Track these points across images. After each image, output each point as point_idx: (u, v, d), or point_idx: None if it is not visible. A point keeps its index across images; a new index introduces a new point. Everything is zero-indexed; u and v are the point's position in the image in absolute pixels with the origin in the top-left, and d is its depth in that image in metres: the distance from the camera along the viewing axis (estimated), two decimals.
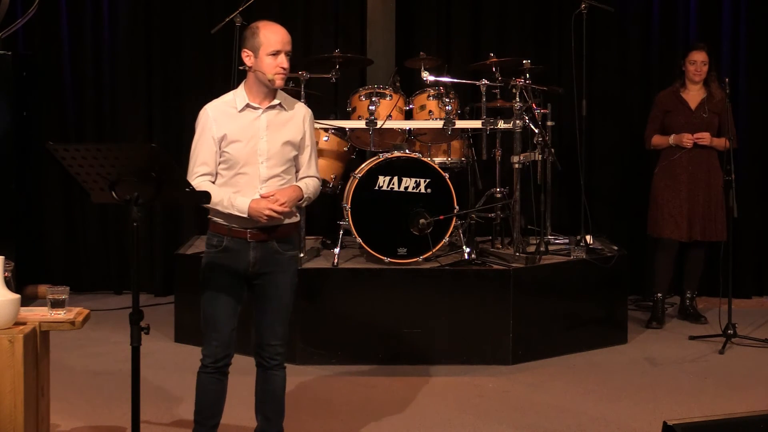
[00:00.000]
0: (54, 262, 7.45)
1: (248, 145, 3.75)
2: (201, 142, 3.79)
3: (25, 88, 6.96)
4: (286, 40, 3.79)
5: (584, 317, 5.96)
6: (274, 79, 3.73)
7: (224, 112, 3.79)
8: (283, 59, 3.75)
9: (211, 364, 3.84)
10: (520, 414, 4.78)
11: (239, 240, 3.78)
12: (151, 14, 7.41)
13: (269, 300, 3.84)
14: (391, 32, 7.24)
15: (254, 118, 3.78)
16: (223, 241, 3.80)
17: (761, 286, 7.53)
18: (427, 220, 5.65)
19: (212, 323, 3.83)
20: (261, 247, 3.79)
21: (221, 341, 3.83)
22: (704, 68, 6.38)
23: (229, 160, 3.76)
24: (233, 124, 3.76)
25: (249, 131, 3.76)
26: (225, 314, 3.81)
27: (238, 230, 3.78)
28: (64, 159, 3.35)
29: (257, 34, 3.78)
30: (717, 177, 6.34)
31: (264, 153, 3.76)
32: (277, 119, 3.81)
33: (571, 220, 6.87)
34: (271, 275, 3.82)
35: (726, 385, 5.25)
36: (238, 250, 3.78)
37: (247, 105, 3.78)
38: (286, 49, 3.77)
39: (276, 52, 3.74)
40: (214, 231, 3.84)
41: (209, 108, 3.82)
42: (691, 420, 2.87)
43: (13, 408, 3.47)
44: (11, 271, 3.72)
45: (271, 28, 3.82)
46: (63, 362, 5.39)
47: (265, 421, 3.96)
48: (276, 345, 3.89)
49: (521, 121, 5.94)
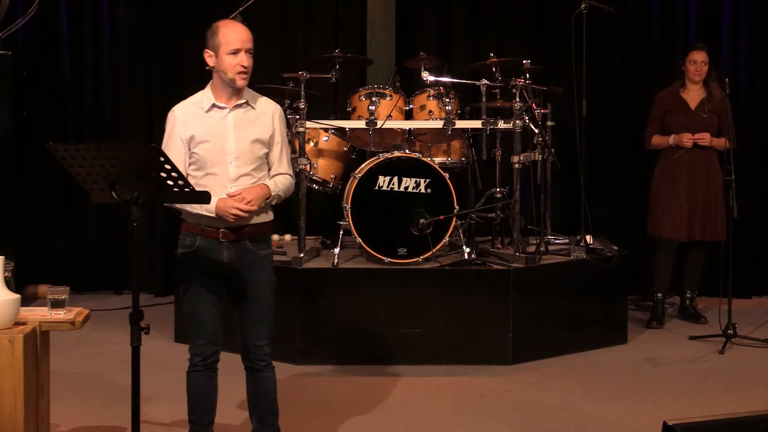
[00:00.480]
0: (54, 262, 7.45)
1: (216, 145, 3.73)
2: (170, 144, 3.79)
3: (25, 88, 6.96)
4: (246, 38, 3.77)
5: (584, 317, 5.96)
6: (235, 78, 3.73)
7: (191, 113, 3.80)
8: (244, 57, 3.74)
9: (200, 362, 3.85)
10: (520, 414, 4.78)
11: (212, 240, 3.76)
12: (151, 14, 7.41)
13: (248, 300, 3.82)
14: (391, 32, 7.24)
15: (221, 118, 3.77)
16: (196, 241, 3.78)
17: (761, 286, 7.53)
18: (427, 220, 5.65)
19: (195, 322, 3.83)
20: (234, 246, 3.77)
21: (207, 339, 3.83)
22: (704, 68, 6.38)
23: (198, 161, 3.76)
24: (200, 124, 3.76)
25: (216, 131, 3.75)
26: (207, 312, 3.80)
27: (210, 230, 3.75)
28: (64, 159, 3.35)
29: (217, 34, 3.78)
30: (717, 177, 6.34)
31: (232, 152, 3.74)
32: (244, 118, 3.79)
33: (571, 220, 6.87)
34: (246, 275, 3.80)
35: (726, 385, 5.25)
36: (211, 249, 3.76)
37: (213, 105, 3.78)
38: (246, 47, 3.75)
39: (236, 50, 3.73)
40: (187, 231, 3.82)
41: (176, 109, 3.84)
42: (691, 420, 2.86)
43: (13, 408, 3.47)
44: (11, 271, 3.71)
45: (230, 26, 3.81)
46: (63, 362, 5.39)
47: (261, 423, 3.95)
48: (262, 345, 3.87)
49: (521, 121, 5.94)
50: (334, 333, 5.60)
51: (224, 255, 3.77)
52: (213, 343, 3.85)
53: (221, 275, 3.79)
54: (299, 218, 5.96)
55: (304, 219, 5.95)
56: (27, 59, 7.08)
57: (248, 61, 3.76)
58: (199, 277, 3.79)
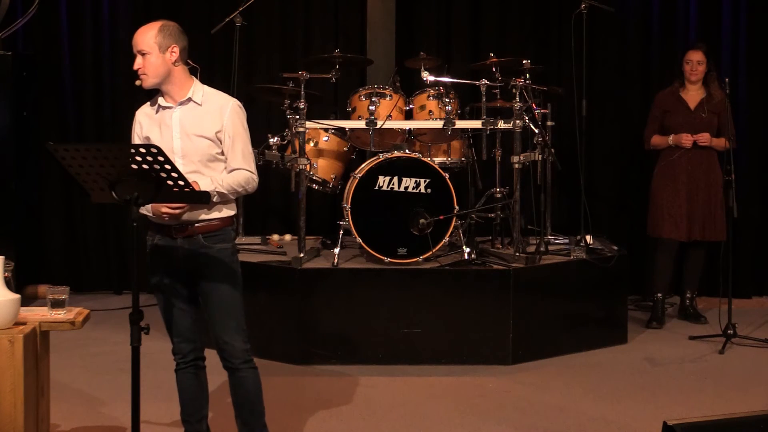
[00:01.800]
0: (54, 262, 7.45)
1: (165, 144, 3.67)
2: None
3: (25, 88, 6.96)
4: (135, 41, 3.84)
5: (584, 317, 5.96)
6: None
7: (147, 114, 3.85)
8: (135, 61, 3.80)
9: (181, 361, 3.87)
10: (520, 414, 4.78)
11: (166, 238, 3.76)
12: (151, 14, 7.39)
13: (209, 297, 3.78)
14: (391, 32, 7.24)
15: (168, 117, 3.78)
16: (155, 239, 3.79)
17: (761, 286, 7.53)
18: (427, 220, 5.65)
19: (168, 322, 3.85)
20: (188, 242, 3.74)
21: (182, 336, 3.85)
22: (700, 68, 6.38)
23: None
24: (153, 125, 3.80)
25: (164, 130, 3.76)
26: (176, 309, 3.81)
27: (164, 228, 3.75)
28: (64, 159, 3.35)
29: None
30: (716, 177, 6.34)
31: (178, 150, 3.72)
32: (189, 114, 3.76)
33: (571, 220, 6.87)
34: (203, 271, 3.76)
35: (726, 385, 5.25)
36: (167, 246, 3.76)
37: (159, 106, 3.81)
38: (135, 49, 3.82)
39: (135, 55, 3.80)
40: (149, 230, 3.83)
41: (138, 112, 3.91)
42: (691, 420, 2.86)
43: (13, 408, 3.47)
44: (11, 271, 3.72)
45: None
46: (63, 362, 5.39)
47: (244, 426, 3.89)
48: (232, 342, 3.78)
49: (521, 121, 5.94)
50: (334, 333, 5.60)
51: (180, 251, 3.75)
52: (189, 340, 3.85)
53: (182, 272, 3.78)
54: (299, 218, 5.96)
55: (304, 219, 5.95)
56: (27, 59, 7.09)
57: (137, 63, 3.80)
58: (162, 275, 3.79)
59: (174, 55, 3.77)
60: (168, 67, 3.76)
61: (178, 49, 3.79)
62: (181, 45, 3.81)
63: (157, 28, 3.81)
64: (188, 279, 3.80)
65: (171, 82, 3.78)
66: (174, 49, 3.77)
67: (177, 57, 3.78)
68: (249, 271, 5.85)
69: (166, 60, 3.76)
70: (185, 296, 3.82)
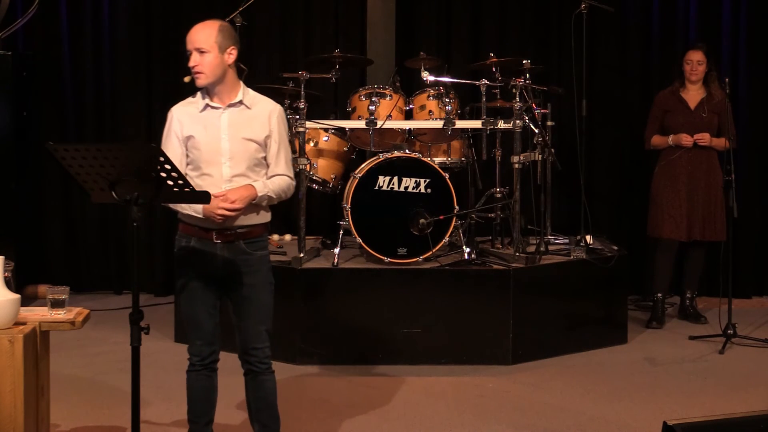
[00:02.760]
0: (54, 262, 7.45)
1: (210, 145, 3.70)
2: (167, 144, 3.79)
3: (25, 88, 6.96)
4: (191, 38, 3.77)
5: (584, 317, 5.96)
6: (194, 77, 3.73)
7: (188, 113, 3.79)
8: (191, 58, 3.74)
9: (198, 362, 3.83)
10: (520, 414, 4.78)
11: (206, 241, 3.73)
12: (151, 14, 7.41)
13: (246, 302, 3.78)
14: (391, 32, 7.24)
15: (215, 118, 3.74)
16: (191, 242, 3.76)
17: (761, 286, 7.53)
18: (427, 220, 5.65)
19: (193, 322, 3.81)
20: (228, 248, 3.73)
21: (204, 339, 3.81)
22: (699, 68, 6.38)
23: (193, 161, 3.74)
24: (196, 124, 3.75)
25: (211, 131, 3.72)
26: (203, 312, 3.79)
27: (204, 231, 3.72)
28: (64, 159, 3.35)
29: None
30: (716, 177, 6.34)
31: (226, 152, 3.70)
32: (239, 117, 3.74)
33: (571, 220, 6.87)
34: (242, 277, 3.76)
35: (726, 385, 5.25)
36: (206, 251, 3.74)
37: (207, 105, 3.76)
38: (192, 47, 3.75)
39: (188, 52, 3.74)
40: (183, 232, 3.80)
41: (174, 109, 3.83)
42: (691, 420, 2.86)
43: (13, 408, 3.47)
44: (11, 271, 3.71)
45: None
46: (63, 362, 5.38)
47: (263, 428, 3.91)
48: (262, 348, 3.82)
49: (521, 121, 5.94)
50: (335, 333, 5.60)
51: (218, 256, 3.74)
52: (210, 343, 3.83)
53: (216, 277, 3.76)
54: (299, 218, 5.96)
55: (304, 219, 5.95)
56: (27, 59, 7.08)
57: (193, 60, 3.74)
58: (194, 277, 3.77)
59: (232, 57, 3.77)
60: (224, 68, 3.75)
61: (236, 52, 3.78)
62: (238, 47, 3.80)
63: (217, 27, 3.79)
64: (221, 284, 3.78)
65: (224, 83, 3.76)
66: (232, 50, 3.77)
67: (234, 59, 3.77)
68: None
69: (223, 60, 3.74)
70: (213, 300, 3.81)
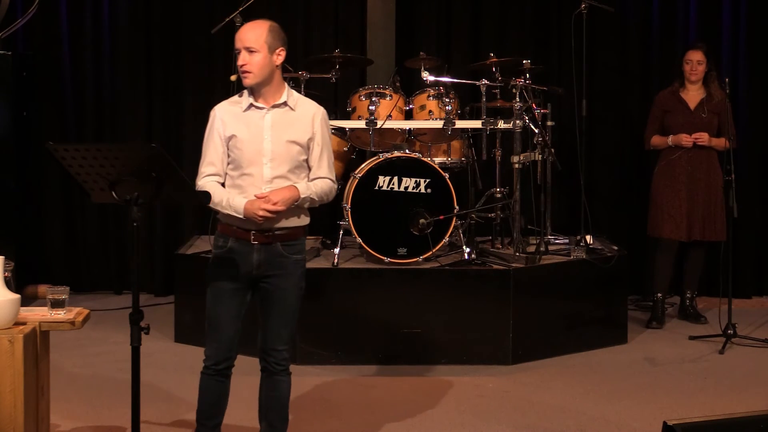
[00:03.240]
0: (54, 262, 7.44)
1: (252, 145, 3.70)
2: (209, 142, 3.78)
3: (25, 88, 6.96)
4: (244, 37, 3.71)
5: (584, 317, 5.96)
6: (242, 76, 3.70)
7: (231, 112, 3.76)
8: (240, 56, 3.69)
9: (212, 366, 3.81)
10: (520, 414, 4.78)
11: (243, 241, 3.72)
12: (151, 14, 7.41)
13: (274, 304, 3.78)
14: (391, 32, 7.24)
15: (259, 118, 3.73)
16: (228, 242, 3.75)
17: (761, 286, 7.53)
18: (427, 220, 5.65)
19: (215, 324, 3.79)
20: (265, 249, 3.72)
21: (222, 343, 3.79)
22: (699, 68, 6.38)
23: (234, 161, 3.73)
24: (239, 123, 3.73)
25: (253, 131, 3.71)
26: (228, 316, 3.77)
27: (242, 231, 3.72)
28: (64, 159, 3.35)
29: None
30: (716, 177, 6.34)
31: (268, 153, 3.69)
32: (282, 118, 3.73)
33: (571, 220, 6.87)
34: (275, 278, 3.75)
35: (726, 385, 5.25)
36: (242, 251, 3.73)
37: (251, 105, 3.74)
38: (243, 45, 3.69)
39: (237, 50, 3.71)
40: (221, 232, 3.80)
41: (218, 108, 3.81)
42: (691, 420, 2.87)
43: (13, 408, 3.47)
44: (11, 271, 3.71)
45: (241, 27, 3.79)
46: (63, 362, 5.39)
47: (270, 428, 3.90)
48: (282, 350, 3.81)
49: (521, 121, 5.94)
50: (334, 333, 5.60)
51: (254, 257, 3.72)
52: (228, 349, 3.80)
53: (250, 278, 3.75)
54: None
55: None
56: (27, 59, 7.08)
57: (243, 59, 3.69)
58: (226, 280, 3.75)
59: (280, 58, 3.75)
60: (272, 68, 3.73)
61: (284, 53, 3.77)
62: (286, 48, 3.78)
63: (267, 27, 3.75)
64: (253, 284, 3.77)
65: (270, 84, 3.74)
66: (281, 51, 3.75)
67: (282, 60, 3.76)
68: None
69: (272, 61, 3.72)
70: (239, 306, 3.78)
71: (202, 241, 6.58)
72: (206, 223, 6.56)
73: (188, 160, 7.38)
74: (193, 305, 6.04)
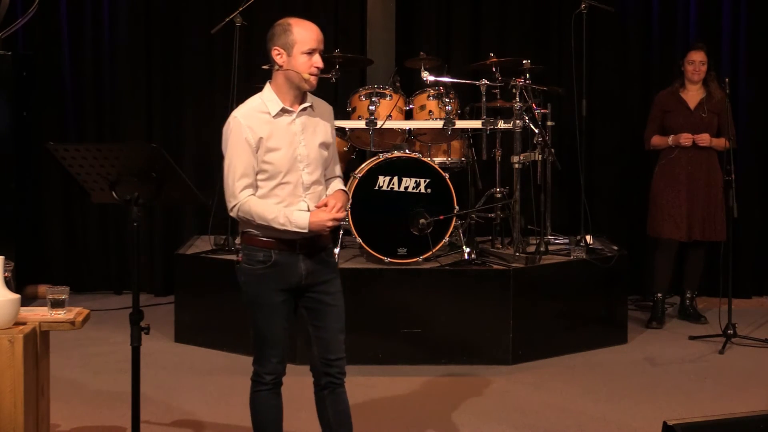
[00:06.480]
0: (54, 262, 7.45)
1: (288, 152, 3.50)
2: (238, 153, 3.48)
3: (25, 88, 6.96)
4: (321, 38, 3.58)
5: (584, 317, 5.96)
6: (309, 78, 3.50)
7: (258, 119, 3.50)
8: (318, 58, 3.53)
9: (272, 381, 3.66)
10: (520, 414, 4.78)
11: (288, 253, 3.54)
12: (151, 14, 7.41)
13: (328, 310, 3.66)
14: (391, 32, 7.24)
15: (289, 123, 3.53)
16: (272, 256, 3.53)
17: (761, 286, 7.53)
18: (427, 220, 5.65)
19: (270, 341, 3.61)
20: (309, 258, 3.58)
21: (281, 356, 3.65)
22: (702, 68, 6.38)
23: (269, 170, 3.50)
24: (270, 130, 3.49)
25: (287, 137, 3.51)
26: (282, 329, 3.61)
27: (286, 243, 3.53)
28: (64, 159, 3.35)
29: (290, 32, 3.58)
30: (716, 177, 6.34)
31: (304, 159, 3.52)
32: (310, 122, 3.58)
33: (571, 220, 6.87)
34: (323, 285, 3.64)
35: (726, 385, 5.25)
36: (288, 263, 3.55)
37: (283, 109, 3.53)
38: (320, 47, 3.55)
39: (312, 50, 3.52)
40: (259, 246, 3.54)
41: (239, 116, 3.51)
42: (691, 420, 2.87)
43: (13, 408, 3.47)
44: (11, 271, 3.71)
45: (305, 25, 3.62)
46: (63, 362, 5.39)
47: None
48: (343, 357, 3.70)
49: (521, 121, 5.94)
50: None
51: (301, 267, 3.57)
52: (284, 361, 3.68)
53: (297, 289, 3.60)
54: None
55: None
56: (27, 59, 7.08)
57: (322, 62, 3.57)
58: (274, 294, 3.56)
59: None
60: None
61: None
62: None
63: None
64: (300, 295, 3.63)
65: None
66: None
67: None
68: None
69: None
70: (289, 315, 3.65)
71: (202, 241, 6.58)
72: (206, 223, 6.57)
73: (188, 160, 7.39)
74: (193, 305, 6.05)
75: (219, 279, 5.94)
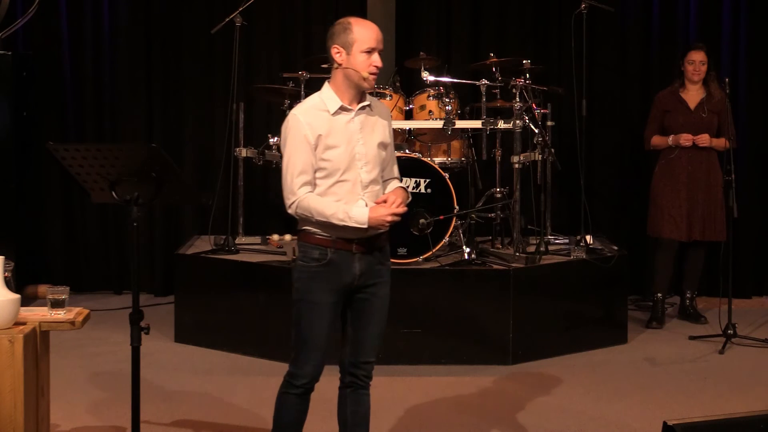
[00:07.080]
0: (54, 262, 7.44)
1: (347, 150, 3.49)
2: (297, 150, 3.47)
3: (25, 88, 6.96)
4: (380, 38, 3.58)
5: (584, 317, 5.96)
6: (368, 77, 3.52)
7: (317, 116, 3.50)
8: (377, 58, 3.55)
9: (304, 385, 3.60)
10: (520, 414, 4.78)
11: (344, 252, 3.50)
12: (151, 14, 7.41)
13: (373, 314, 3.62)
14: (391, 32, 7.23)
15: (348, 121, 3.52)
16: (327, 254, 3.50)
17: (761, 286, 7.52)
18: (427, 220, 5.65)
19: (313, 343, 3.55)
20: (365, 258, 3.54)
21: (320, 361, 3.58)
22: (703, 68, 6.38)
23: (328, 168, 3.48)
24: (329, 128, 3.49)
25: (345, 135, 3.50)
26: (326, 332, 3.56)
27: (343, 242, 3.50)
28: (64, 159, 3.36)
29: (350, 30, 3.55)
30: (716, 177, 6.34)
31: (363, 157, 3.51)
32: (368, 121, 3.57)
33: (571, 220, 6.87)
34: (374, 287, 3.59)
35: (726, 385, 5.25)
36: (344, 262, 3.51)
37: (341, 108, 3.52)
38: (380, 47, 3.57)
39: (371, 49, 3.54)
40: (315, 243, 3.51)
41: (299, 113, 3.51)
42: (691, 420, 2.87)
43: (13, 408, 3.47)
44: (11, 271, 3.72)
45: (365, 24, 3.60)
46: (63, 362, 5.39)
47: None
48: (373, 362, 3.68)
49: (521, 121, 5.94)
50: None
51: (356, 267, 3.53)
52: (322, 365, 3.61)
53: (348, 289, 3.56)
54: None
55: None
56: (27, 59, 7.08)
57: (381, 62, 3.59)
58: (326, 294, 3.53)
59: None
60: None
61: None
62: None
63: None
64: (349, 295, 3.59)
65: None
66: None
67: None
68: (249, 271, 5.87)
69: None
70: (337, 318, 3.61)
71: (202, 241, 6.58)
72: (206, 223, 6.57)
73: (188, 160, 7.40)
74: (193, 305, 6.05)
75: (219, 279, 5.94)
